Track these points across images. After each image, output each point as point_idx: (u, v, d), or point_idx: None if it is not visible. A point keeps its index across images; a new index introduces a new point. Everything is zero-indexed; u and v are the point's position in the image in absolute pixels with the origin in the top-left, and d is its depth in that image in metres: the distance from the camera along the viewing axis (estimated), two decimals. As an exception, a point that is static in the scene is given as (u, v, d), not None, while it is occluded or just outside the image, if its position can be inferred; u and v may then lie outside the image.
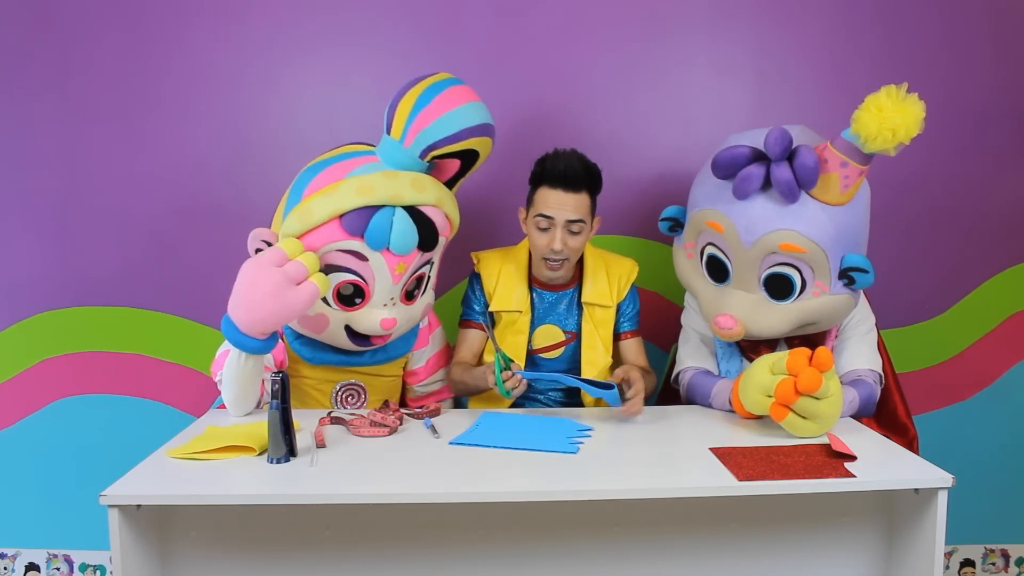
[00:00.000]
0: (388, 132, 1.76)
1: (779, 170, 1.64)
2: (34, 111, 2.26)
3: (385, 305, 1.78)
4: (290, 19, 2.24)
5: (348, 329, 1.78)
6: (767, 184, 1.67)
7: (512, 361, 1.77)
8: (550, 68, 2.26)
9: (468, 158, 1.80)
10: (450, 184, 1.85)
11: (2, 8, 2.23)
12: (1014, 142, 2.31)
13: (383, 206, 1.69)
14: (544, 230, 1.85)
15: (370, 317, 1.76)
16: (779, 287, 1.73)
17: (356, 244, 1.70)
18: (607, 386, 1.72)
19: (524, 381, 1.72)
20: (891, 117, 1.55)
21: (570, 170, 1.81)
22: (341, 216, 1.68)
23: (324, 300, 1.74)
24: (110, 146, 2.27)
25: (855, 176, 1.66)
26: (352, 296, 1.75)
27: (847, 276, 1.71)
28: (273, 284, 1.57)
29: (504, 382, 1.70)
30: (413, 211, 1.72)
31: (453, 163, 1.81)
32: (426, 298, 1.90)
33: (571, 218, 1.82)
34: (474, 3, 2.24)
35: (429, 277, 1.87)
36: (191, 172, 2.28)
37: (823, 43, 2.26)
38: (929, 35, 2.25)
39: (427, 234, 1.74)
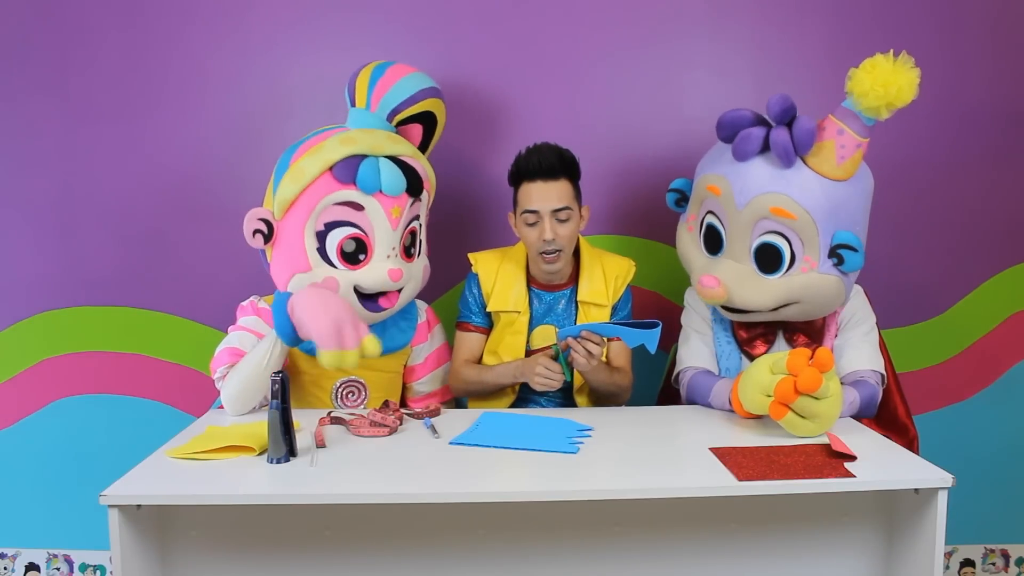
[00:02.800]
0: (353, 105, 1.89)
1: (777, 132, 1.68)
2: (34, 111, 2.26)
3: (389, 256, 1.82)
4: (290, 19, 2.24)
5: (357, 293, 1.81)
6: (767, 149, 1.70)
7: (557, 343, 1.81)
8: (549, 68, 2.26)
9: (428, 125, 1.93)
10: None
11: (2, 7, 2.23)
12: (1014, 142, 2.31)
13: (367, 156, 1.77)
14: (532, 225, 1.85)
15: (377, 270, 1.81)
16: (768, 259, 1.76)
17: (350, 192, 1.76)
18: (651, 324, 1.68)
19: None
20: (884, 75, 1.60)
21: (544, 161, 1.83)
22: (331, 168, 1.75)
23: (328, 260, 1.79)
24: (110, 146, 2.27)
25: (852, 147, 1.68)
26: (355, 253, 1.80)
27: (836, 255, 1.72)
28: (346, 306, 1.68)
29: (570, 364, 1.76)
30: (395, 160, 1.81)
31: (416, 131, 1.93)
32: (423, 260, 1.95)
33: (556, 207, 1.83)
34: (473, 5, 2.24)
35: (421, 240, 1.93)
36: (191, 172, 2.28)
37: (822, 43, 2.26)
38: (929, 35, 2.25)
39: (412, 178, 1.81)
